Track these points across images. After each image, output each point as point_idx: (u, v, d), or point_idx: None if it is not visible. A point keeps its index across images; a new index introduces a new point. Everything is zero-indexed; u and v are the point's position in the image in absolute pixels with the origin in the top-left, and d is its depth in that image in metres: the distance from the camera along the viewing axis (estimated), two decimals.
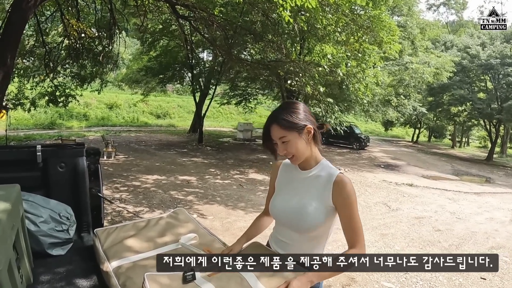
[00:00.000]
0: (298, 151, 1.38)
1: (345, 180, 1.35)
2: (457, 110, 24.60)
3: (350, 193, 1.34)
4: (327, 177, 1.38)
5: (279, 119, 1.37)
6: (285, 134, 1.36)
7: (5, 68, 5.25)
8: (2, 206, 1.24)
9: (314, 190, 1.40)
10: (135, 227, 1.84)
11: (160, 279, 1.21)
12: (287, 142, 1.36)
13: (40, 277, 1.57)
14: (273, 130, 1.38)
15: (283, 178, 1.56)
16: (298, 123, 1.37)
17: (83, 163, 2.18)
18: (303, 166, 1.47)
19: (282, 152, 1.39)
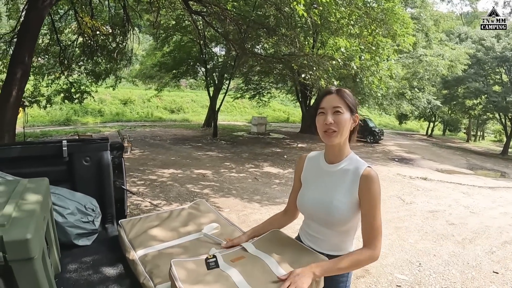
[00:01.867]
0: (343, 128, 1.35)
1: (373, 175, 1.34)
2: (472, 103, 24.23)
3: (376, 190, 1.33)
4: (354, 170, 1.37)
5: (342, 91, 1.39)
6: (342, 105, 1.36)
7: (23, 67, 5.42)
8: (35, 198, 1.32)
9: (342, 184, 1.39)
10: (158, 218, 1.91)
11: (186, 265, 1.27)
12: (339, 114, 1.35)
13: (68, 266, 1.64)
14: (332, 98, 1.38)
15: (310, 172, 1.54)
16: (355, 105, 1.41)
17: (107, 157, 2.26)
18: (331, 160, 1.46)
19: (329, 121, 1.34)
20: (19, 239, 1.03)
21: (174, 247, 1.61)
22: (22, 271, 1.07)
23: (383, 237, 4.12)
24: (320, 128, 1.39)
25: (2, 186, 1.41)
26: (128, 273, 1.56)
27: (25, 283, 1.09)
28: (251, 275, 1.23)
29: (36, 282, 1.10)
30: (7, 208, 1.18)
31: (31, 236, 1.05)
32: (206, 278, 1.21)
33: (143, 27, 15.06)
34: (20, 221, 1.11)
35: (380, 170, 11.10)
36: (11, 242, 1.02)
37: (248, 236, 1.52)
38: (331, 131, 1.35)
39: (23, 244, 1.03)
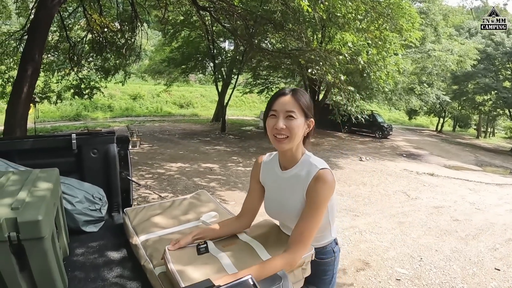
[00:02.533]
0: (296, 134, 1.28)
1: (324, 177, 1.27)
2: (482, 99, 23.97)
3: (321, 192, 1.26)
4: (306, 175, 1.31)
5: (298, 94, 1.31)
6: (296, 110, 1.28)
7: (34, 64, 5.55)
8: (46, 185, 1.43)
9: (295, 190, 1.35)
10: (161, 207, 2.02)
11: (180, 250, 1.37)
12: (292, 119, 1.27)
13: (76, 250, 1.75)
14: (285, 101, 1.29)
15: (267, 176, 1.49)
16: (310, 110, 1.33)
17: (113, 149, 2.37)
18: (284, 165, 1.42)
19: (279, 126, 1.26)
20: (31, 220, 1.13)
21: (173, 233, 1.71)
22: (33, 250, 1.17)
23: (386, 231, 4.21)
24: (270, 132, 1.31)
25: (15, 175, 1.52)
26: (131, 257, 1.66)
27: (35, 260, 1.19)
28: (238, 259, 1.32)
29: (45, 260, 1.21)
30: (21, 194, 1.29)
31: (42, 218, 1.15)
32: (197, 260, 1.31)
33: (151, 23, 15.15)
34: (32, 205, 1.21)
35: (387, 165, 11.11)
36: (24, 223, 1.12)
37: (193, 236, 1.43)
38: (282, 137, 1.28)
39: (34, 225, 1.14)
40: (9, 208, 1.17)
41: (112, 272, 1.54)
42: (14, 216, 1.13)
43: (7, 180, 1.45)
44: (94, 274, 1.51)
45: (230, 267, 1.27)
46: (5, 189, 1.35)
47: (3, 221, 1.11)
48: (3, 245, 1.12)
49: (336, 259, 1.53)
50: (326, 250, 1.49)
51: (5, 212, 1.15)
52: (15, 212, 1.15)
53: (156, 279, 1.35)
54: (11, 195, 1.28)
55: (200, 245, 1.39)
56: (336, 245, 1.54)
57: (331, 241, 1.50)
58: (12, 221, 1.12)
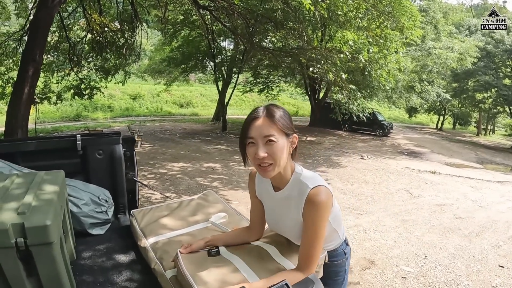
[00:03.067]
0: (280, 159, 1.18)
1: (317, 199, 1.19)
2: (482, 96, 23.97)
3: (318, 215, 1.20)
4: (299, 195, 1.24)
5: (272, 113, 1.19)
6: (275, 133, 1.16)
7: (35, 64, 5.53)
8: (52, 188, 1.40)
9: (290, 212, 1.29)
10: (168, 208, 2.00)
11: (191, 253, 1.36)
12: (273, 144, 1.16)
13: (82, 253, 1.73)
14: (261, 125, 1.17)
15: (262, 193, 1.43)
16: (290, 126, 1.22)
17: (119, 150, 2.34)
18: (276, 185, 1.34)
19: (261, 154, 1.15)
20: (39, 225, 1.11)
21: (183, 235, 1.68)
22: (42, 255, 1.15)
23: (390, 229, 4.20)
24: (253, 162, 1.21)
25: (20, 178, 1.49)
26: (140, 260, 1.65)
27: (44, 266, 1.16)
28: (253, 261, 1.30)
29: (54, 266, 1.18)
30: (27, 197, 1.26)
31: (50, 222, 1.12)
32: (209, 264, 1.29)
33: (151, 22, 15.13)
34: (40, 209, 1.19)
35: (388, 163, 11.10)
36: (32, 228, 1.10)
37: (206, 242, 1.41)
38: (266, 165, 1.18)
39: (43, 230, 1.11)
40: (16, 213, 1.14)
41: (121, 276, 1.52)
42: (21, 221, 1.10)
43: (12, 183, 1.42)
44: (102, 278, 1.49)
45: (245, 268, 1.24)
46: (10, 193, 1.32)
47: (9, 226, 1.08)
48: (10, 251, 1.10)
49: (347, 260, 1.51)
50: (337, 252, 1.47)
51: (11, 217, 1.12)
52: (22, 217, 1.12)
53: (167, 282, 1.32)
54: (16, 199, 1.26)
55: (212, 249, 1.38)
56: (346, 246, 1.52)
57: (340, 243, 1.48)
58: (19, 227, 1.10)
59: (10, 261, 1.11)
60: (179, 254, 1.30)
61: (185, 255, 1.31)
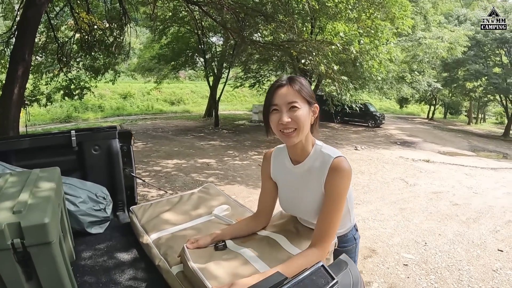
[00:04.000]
0: (303, 125, 1.19)
1: (341, 166, 1.19)
2: (472, 85, 24.15)
3: (341, 184, 1.19)
4: (321, 166, 1.24)
5: (296, 81, 1.21)
6: (298, 100, 1.18)
7: (24, 64, 5.40)
8: (49, 185, 1.33)
9: (310, 184, 1.27)
10: (169, 203, 1.94)
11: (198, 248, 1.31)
12: (296, 110, 1.18)
13: (82, 254, 1.66)
14: (285, 92, 1.19)
15: (278, 171, 1.41)
16: (313, 96, 1.24)
17: (116, 145, 2.27)
18: (295, 159, 1.33)
19: (285, 120, 1.17)
20: (37, 224, 1.04)
21: (186, 229, 1.64)
22: (41, 256, 1.08)
23: (388, 217, 4.19)
24: (276, 128, 1.21)
25: (14, 177, 1.42)
26: (143, 257, 1.59)
27: (43, 268, 1.09)
28: (262, 251, 1.26)
29: (54, 267, 1.11)
30: (22, 196, 1.19)
31: (49, 220, 1.05)
32: (219, 257, 1.25)
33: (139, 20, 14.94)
34: (36, 207, 1.12)
35: (382, 153, 11.14)
36: (29, 227, 1.03)
37: (213, 238, 1.37)
38: (289, 131, 1.19)
39: (41, 229, 1.04)
40: (11, 212, 1.07)
41: (124, 275, 1.46)
42: (17, 221, 1.03)
43: (5, 182, 1.36)
44: (105, 278, 1.43)
45: (255, 259, 1.21)
46: (4, 192, 1.25)
47: (4, 226, 1.01)
48: (6, 254, 1.02)
49: (357, 246, 1.51)
50: (348, 238, 1.46)
51: (6, 217, 1.05)
52: (18, 216, 1.05)
53: (174, 279, 1.27)
54: (11, 197, 1.19)
55: (219, 243, 1.34)
56: (356, 231, 1.51)
57: (351, 227, 1.48)
58: (15, 226, 1.02)
59: (7, 264, 1.04)
60: (186, 248, 1.25)
61: (192, 250, 1.26)
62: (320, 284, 0.90)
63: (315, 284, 0.90)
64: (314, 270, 0.93)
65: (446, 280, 3.37)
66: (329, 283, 0.91)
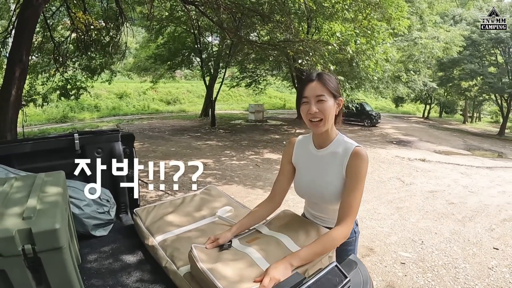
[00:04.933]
0: (328, 116, 1.36)
1: (362, 154, 1.36)
2: (468, 84, 24.31)
3: (361, 168, 1.35)
4: (344, 151, 1.39)
5: (324, 77, 1.37)
6: (325, 93, 1.35)
7: (22, 65, 5.38)
8: (55, 190, 1.34)
9: (332, 166, 1.41)
10: (172, 204, 1.97)
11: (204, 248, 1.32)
12: (323, 102, 1.35)
13: (88, 256, 1.67)
14: (314, 86, 1.36)
15: (300, 156, 1.55)
16: (338, 90, 1.40)
17: (118, 148, 2.29)
18: (319, 144, 1.48)
19: (313, 110, 1.35)
20: (48, 230, 1.04)
21: (191, 231, 1.66)
22: (51, 262, 1.08)
23: (385, 216, 4.23)
24: (306, 117, 1.39)
25: (19, 181, 1.42)
26: (148, 259, 1.61)
27: (54, 273, 1.10)
28: (268, 252, 1.29)
29: (65, 272, 1.12)
30: (30, 201, 1.19)
31: (59, 226, 1.06)
32: (225, 257, 1.27)
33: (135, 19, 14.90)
34: (46, 212, 1.12)
35: (378, 152, 11.20)
36: (40, 233, 1.03)
37: (233, 233, 1.43)
38: (317, 120, 1.37)
39: (52, 234, 1.05)
40: (20, 218, 1.07)
41: (131, 277, 1.48)
42: (28, 227, 1.03)
43: (11, 187, 1.35)
44: (112, 281, 1.45)
45: (261, 260, 1.24)
46: (11, 197, 1.25)
47: (15, 233, 1.01)
48: (17, 260, 1.03)
49: (356, 239, 1.60)
50: None
51: (16, 223, 1.05)
52: (28, 222, 1.06)
53: (182, 280, 1.30)
54: (19, 203, 1.19)
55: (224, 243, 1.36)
56: (356, 225, 1.59)
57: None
58: (26, 232, 1.03)
59: (18, 270, 1.05)
60: (194, 249, 1.27)
61: (199, 251, 1.28)
62: (335, 283, 1.00)
63: (331, 282, 1.00)
64: (329, 270, 1.02)
65: (442, 278, 3.42)
66: (343, 281, 1.01)
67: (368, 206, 5.63)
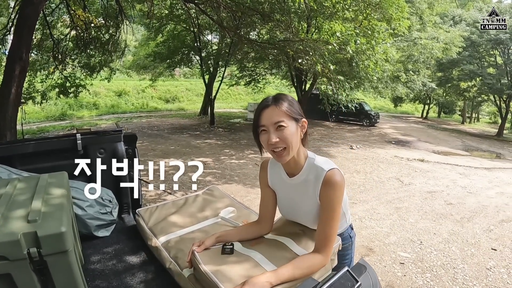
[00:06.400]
0: (292, 143, 1.23)
1: (333, 180, 1.25)
2: (466, 85, 24.37)
3: (335, 195, 1.25)
4: (315, 179, 1.29)
5: (280, 101, 1.24)
6: (284, 118, 1.22)
7: (22, 63, 5.35)
8: (60, 192, 1.33)
9: (306, 194, 1.34)
10: (175, 205, 1.98)
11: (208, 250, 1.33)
12: (283, 129, 1.22)
13: (91, 258, 1.67)
14: (270, 113, 1.23)
15: (275, 180, 1.45)
16: (299, 111, 1.27)
17: (121, 148, 2.29)
18: (290, 172, 1.37)
19: (273, 140, 1.21)
20: (54, 233, 1.04)
21: (194, 232, 1.67)
22: (57, 265, 1.08)
23: (384, 216, 4.26)
24: (267, 148, 1.27)
25: (22, 182, 1.41)
26: (151, 260, 1.61)
27: (60, 276, 1.09)
28: (271, 254, 1.30)
29: (71, 275, 1.12)
30: (35, 203, 1.18)
31: (65, 229, 1.06)
32: (228, 260, 1.27)
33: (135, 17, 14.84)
34: (52, 215, 1.12)
35: (377, 152, 11.23)
36: (46, 237, 1.03)
37: (217, 237, 1.39)
38: (279, 150, 1.24)
39: (58, 238, 1.04)
40: (25, 221, 1.06)
41: (134, 278, 1.48)
42: (33, 230, 1.02)
43: (14, 188, 1.34)
44: (116, 282, 1.45)
45: (265, 262, 1.25)
46: (15, 199, 1.24)
47: (20, 236, 1.00)
48: (23, 263, 1.02)
49: (353, 244, 1.61)
50: (344, 236, 1.54)
51: (21, 226, 1.04)
52: (34, 225, 1.05)
53: (186, 281, 1.31)
54: (23, 205, 1.18)
55: (227, 245, 1.35)
56: (351, 230, 1.61)
57: (347, 227, 1.57)
58: (31, 236, 1.02)
59: (23, 273, 1.04)
60: (196, 252, 1.27)
61: (202, 253, 1.29)
62: (347, 286, 1.03)
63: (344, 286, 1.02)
64: (341, 275, 1.04)
65: (441, 278, 3.44)
66: (355, 286, 1.03)
67: (367, 206, 5.65)
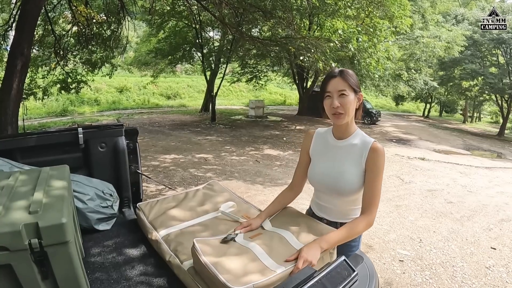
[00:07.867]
0: (349, 110, 1.44)
1: (380, 149, 1.46)
2: (468, 84, 24.28)
3: (380, 161, 1.45)
4: (363, 144, 1.49)
5: (345, 74, 1.46)
6: (346, 88, 1.43)
7: (23, 58, 5.35)
8: (61, 184, 1.34)
9: (351, 157, 1.50)
10: (175, 199, 1.99)
11: (208, 242, 1.34)
12: (345, 96, 1.43)
13: (91, 250, 1.68)
14: (336, 82, 1.45)
15: (318, 147, 1.64)
16: (358, 85, 1.48)
17: (122, 142, 2.29)
18: (339, 136, 1.56)
19: (335, 104, 1.43)
20: (55, 224, 1.05)
21: (194, 226, 1.68)
22: (58, 256, 1.09)
23: (384, 214, 4.25)
24: (329, 111, 1.48)
25: (24, 175, 1.43)
26: (151, 253, 1.63)
27: (60, 267, 1.10)
28: (270, 248, 1.31)
29: (71, 266, 1.12)
30: (36, 195, 1.20)
31: (66, 220, 1.07)
32: (228, 252, 1.28)
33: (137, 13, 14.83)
34: (53, 206, 1.13)
35: None
36: (47, 228, 1.03)
37: (261, 219, 1.56)
38: (338, 113, 1.45)
39: (59, 229, 1.05)
40: (27, 212, 1.08)
41: (134, 271, 1.49)
42: (35, 221, 1.03)
43: (16, 180, 1.36)
44: (116, 275, 1.46)
45: (263, 255, 1.26)
46: (16, 191, 1.25)
47: (22, 227, 1.01)
48: (23, 254, 1.03)
49: (360, 237, 1.66)
50: None
51: (22, 217, 1.05)
52: (35, 216, 1.06)
53: (186, 274, 1.32)
54: (24, 197, 1.19)
55: (228, 236, 1.37)
56: None
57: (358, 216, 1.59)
58: (32, 227, 1.03)
59: (24, 264, 1.05)
60: (196, 244, 1.28)
61: (202, 245, 1.29)
62: (344, 276, 1.08)
63: (340, 275, 1.06)
64: (338, 264, 1.09)
65: (440, 276, 3.44)
66: (351, 275, 1.08)
67: None
